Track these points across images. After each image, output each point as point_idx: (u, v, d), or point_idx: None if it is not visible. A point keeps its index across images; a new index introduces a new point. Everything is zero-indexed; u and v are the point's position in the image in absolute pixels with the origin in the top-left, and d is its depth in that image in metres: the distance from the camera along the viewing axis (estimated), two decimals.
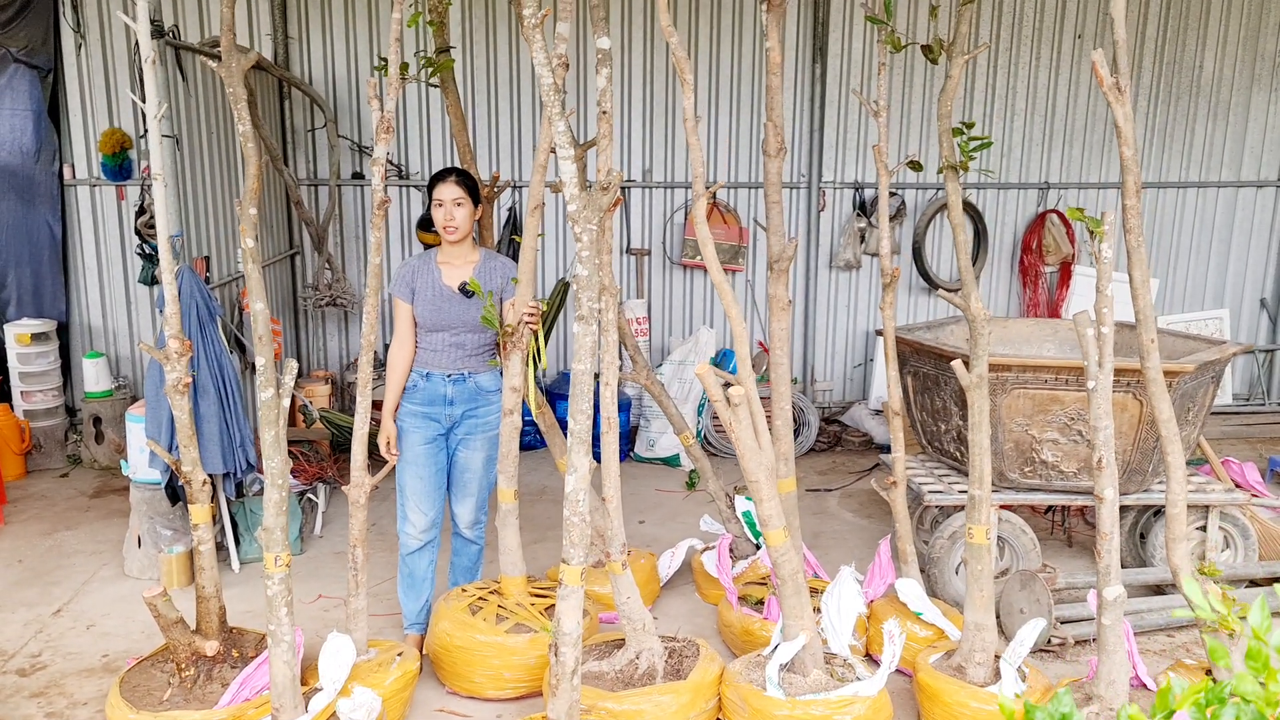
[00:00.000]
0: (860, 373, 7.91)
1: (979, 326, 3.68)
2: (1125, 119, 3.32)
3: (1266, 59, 7.68)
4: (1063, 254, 7.62)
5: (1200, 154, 7.81)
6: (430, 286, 4.03)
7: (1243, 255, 8.00)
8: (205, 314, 4.62)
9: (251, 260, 3.34)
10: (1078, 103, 7.62)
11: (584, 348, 3.21)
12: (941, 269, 7.78)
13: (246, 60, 3.42)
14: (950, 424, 4.73)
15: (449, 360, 4.04)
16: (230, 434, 4.62)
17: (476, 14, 7.07)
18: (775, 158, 4.15)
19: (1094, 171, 7.75)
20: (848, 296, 7.81)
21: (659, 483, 6.45)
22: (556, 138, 3.12)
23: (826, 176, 7.59)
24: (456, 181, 3.97)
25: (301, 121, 7.03)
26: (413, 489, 4.04)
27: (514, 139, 7.28)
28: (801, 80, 7.40)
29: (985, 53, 7.31)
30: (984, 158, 7.30)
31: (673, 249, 7.57)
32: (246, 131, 3.38)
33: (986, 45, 3.68)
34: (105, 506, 5.79)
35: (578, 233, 3.19)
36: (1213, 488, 4.63)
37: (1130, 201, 3.35)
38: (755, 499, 3.44)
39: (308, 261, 7.18)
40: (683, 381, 6.98)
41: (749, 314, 7.58)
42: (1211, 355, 4.42)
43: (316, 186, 7.12)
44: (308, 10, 6.94)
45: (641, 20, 7.21)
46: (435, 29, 4.44)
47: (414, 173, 7.21)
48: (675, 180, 7.50)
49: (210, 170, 5.38)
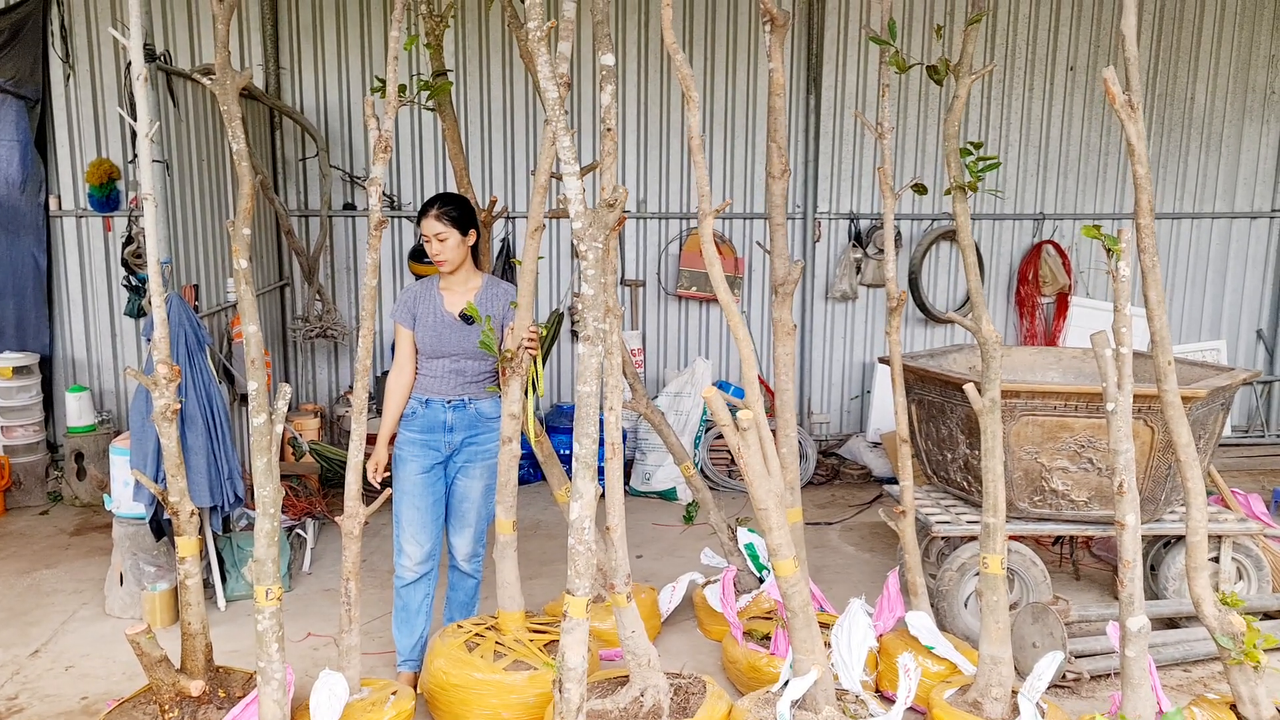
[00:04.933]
0: (858, 405, 7.82)
1: (991, 350, 3.60)
2: (1138, 136, 3.27)
3: (1257, 91, 7.71)
4: (1059, 285, 7.58)
5: (1194, 185, 7.82)
6: (432, 312, 3.94)
7: (1238, 286, 7.98)
8: (194, 342, 4.50)
9: (245, 282, 3.24)
10: (1071, 134, 7.63)
11: (589, 369, 3.11)
12: (938, 299, 7.73)
13: (240, 78, 3.34)
14: (957, 453, 4.63)
15: (449, 387, 3.94)
16: (218, 466, 4.47)
17: (469, 42, 7.04)
18: (779, 179, 4.08)
19: (1089, 202, 7.74)
20: (844, 328, 7.74)
21: (656, 516, 6.31)
22: (561, 153, 3.04)
23: (821, 207, 7.55)
24: (436, 215, 3.85)
25: (292, 151, 6.95)
26: (409, 519, 3.92)
27: (507, 167, 7.23)
28: (796, 111, 7.38)
29: (979, 83, 7.31)
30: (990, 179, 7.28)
31: (667, 280, 7.50)
32: (241, 150, 3.29)
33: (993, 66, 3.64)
34: (86, 544, 5.62)
35: (583, 250, 3.10)
36: (1225, 517, 4.53)
37: (1144, 221, 3.30)
38: (764, 528, 3.32)
39: (298, 293, 7.07)
40: (679, 413, 6.87)
41: None
42: (1223, 381, 4.34)
43: (307, 217, 7.03)
44: (299, 40, 6.89)
45: (635, 50, 7.20)
46: (432, 52, 4.38)
47: (405, 203, 7.14)
48: (669, 211, 7.45)
49: (199, 198, 5.29)
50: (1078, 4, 7.48)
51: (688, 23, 7.21)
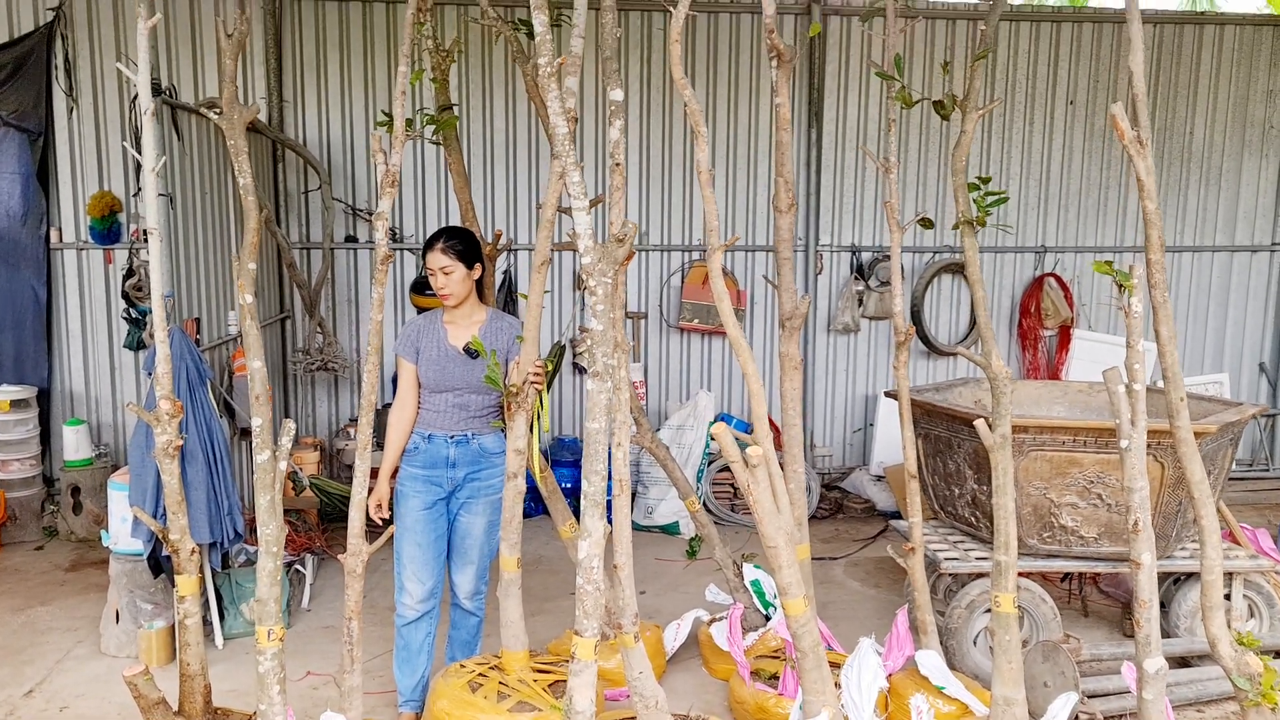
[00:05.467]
0: (860, 438, 7.78)
1: (1001, 385, 3.57)
2: (1148, 172, 3.26)
3: (1256, 125, 7.75)
4: (1061, 318, 7.57)
5: (1194, 218, 7.83)
6: (435, 346, 3.92)
7: (1240, 319, 7.97)
8: (195, 377, 4.46)
9: (250, 317, 3.21)
10: (1072, 168, 7.66)
11: (598, 405, 3.07)
12: (940, 332, 7.71)
13: (248, 113, 3.33)
14: (964, 488, 4.59)
15: (452, 421, 3.90)
16: (218, 502, 4.42)
17: (473, 75, 7.06)
18: (786, 213, 4.08)
19: (1090, 235, 7.75)
20: (846, 360, 7.72)
21: (658, 551, 6.25)
22: (570, 188, 3.02)
23: (823, 239, 7.56)
24: (442, 249, 3.84)
25: (295, 184, 6.95)
26: (411, 556, 3.86)
27: (510, 202, 7.23)
28: (798, 144, 7.40)
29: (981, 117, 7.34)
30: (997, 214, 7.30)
31: (669, 312, 7.48)
32: (247, 184, 3.28)
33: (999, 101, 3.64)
34: (82, 580, 5.55)
35: (592, 285, 3.07)
36: (1236, 554, 4.49)
37: (1155, 256, 3.28)
38: (774, 565, 3.27)
39: (299, 325, 7.04)
40: (681, 446, 6.82)
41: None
42: (1232, 416, 4.32)
43: (309, 249, 7.01)
44: (303, 74, 6.91)
45: (637, 85, 7.22)
46: (438, 86, 4.38)
47: (408, 235, 7.13)
48: (671, 243, 7.45)
49: (203, 232, 5.27)
50: (1076, 39, 7.53)
51: (690, 55, 7.24)
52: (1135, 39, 3.28)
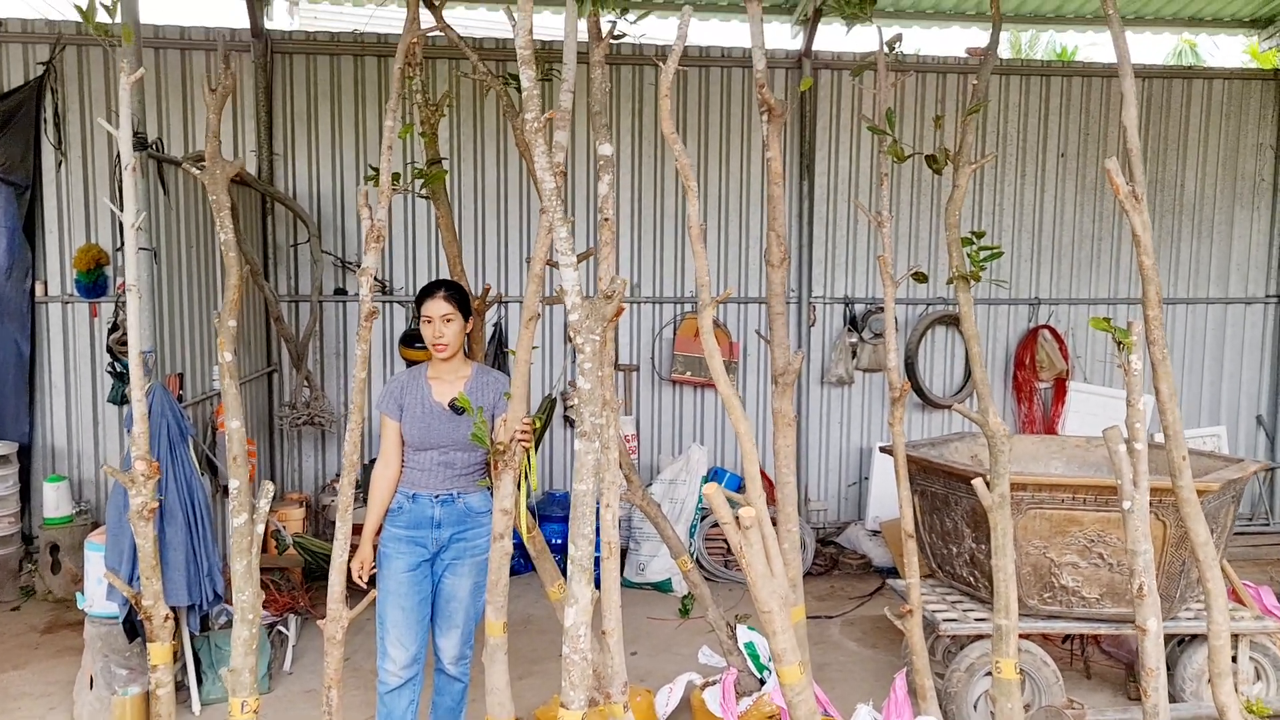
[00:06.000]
0: (855, 491, 7.68)
1: (999, 443, 3.49)
2: (1144, 227, 3.22)
3: (1247, 178, 7.77)
4: (1056, 370, 7.51)
5: (1188, 270, 7.82)
6: (420, 403, 3.83)
7: (1236, 372, 7.93)
8: (176, 434, 4.37)
9: (229, 375, 3.13)
10: (1064, 219, 7.65)
11: (586, 466, 2.99)
12: (935, 384, 7.65)
13: (230, 168, 3.28)
14: (962, 546, 4.49)
15: (437, 480, 3.81)
16: (197, 562, 4.31)
17: (464, 128, 7.06)
18: (779, 268, 4.02)
19: (1084, 287, 7.73)
20: (840, 413, 7.64)
21: (650, 610, 6.12)
22: (558, 244, 2.97)
23: (816, 291, 7.52)
24: (445, 297, 3.80)
25: (284, 237, 6.91)
26: (394, 620, 3.75)
27: (500, 254, 7.19)
28: (790, 197, 7.39)
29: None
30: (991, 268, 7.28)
31: (661, 365, 7.41)
32: (229, 240, 3.22)
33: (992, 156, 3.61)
34: (57, 643, 5.39)
35: (579, 344, 3.00)
36: (1241, 615, 4.38)
37: (1153, 312, 3.23)
38: (768, 631, 3.17)
39: (286, 379, 6.96)
40: (673, 501, 6.72)
41: None
42: (1234, 474, 4.24)
43: (297, 302, 6.95)
44: (293, 126, 6.90)
45: (629, 137, 7.22)
46: (427, 140, 4.35)
47: (398, 288, 7.07)
48: (663, 295, 7.40)
49: (188, 285, 5.20)
50: (1066, 93, 7.57)
51: (680, 109, 7.25)
52: (1128, 94, 3.26)
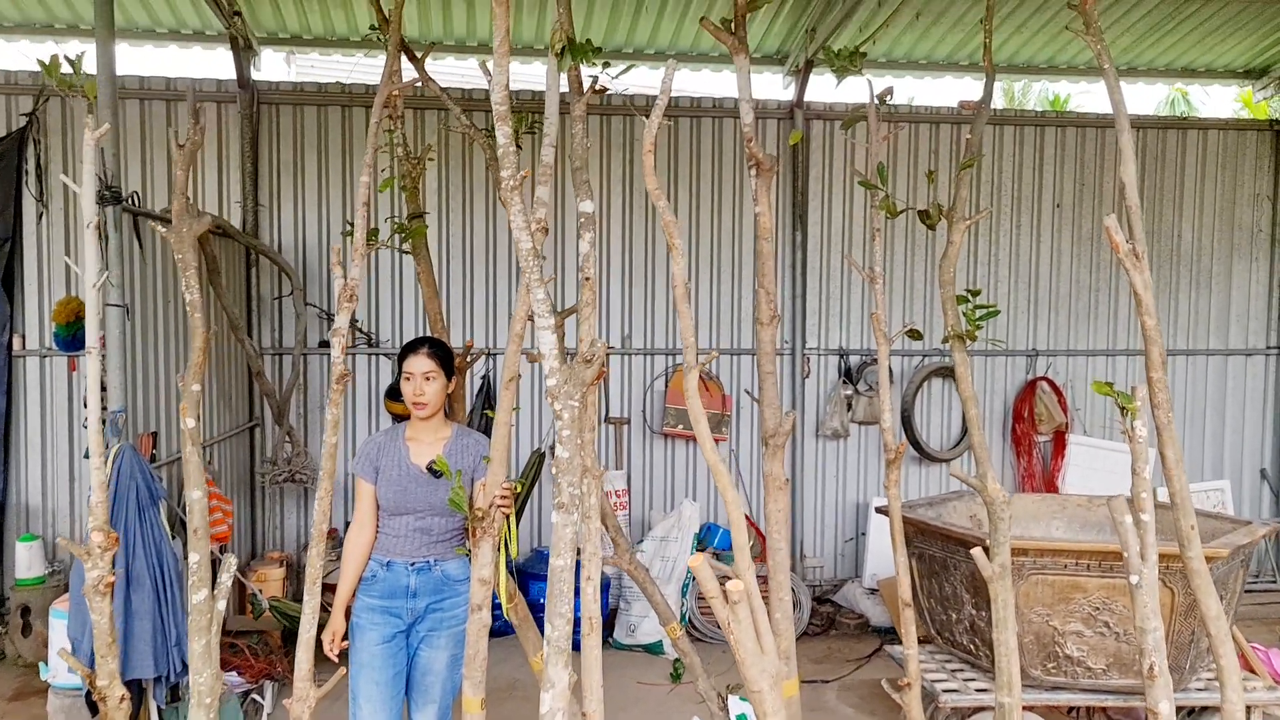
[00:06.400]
0: (852, 548, 7.50)
1: (998, 510, 3.35)
2: (1145, 286, 3.10)
3: (1244, 229, 7.70)
4: (1055, 422, 7.38)
5: (1186, 322, 7.72)
6: (396, 465, 3.69)
7: (1238, 425, 7.79)
8: (146, 497, 4.21)
9: (191, 443, 2.99)
10: (1061, 270, 7.56)
11: (563, 540, 2.85)
12: (931, 437, 7.51)
13: (199, 225, 3.16)
14: (962, 613, 4.32)
15: (413, 547, 3.66)
16: (165, 632, 4.12)
17: (453, 180, 6.98)
18: (768, 325, 3.89)
19: (1081, 339, 7.62)
20: (836, 467, 7.49)
21: (640, 674, 5.92)
22: (535, 306, 2.85)
23: (810, 343, 7.40)
24: (429, 354, 3.69)
25: (268, 289, 6.79)
26: (367, 695, 3.57)
27: (489, 306, 7.08)
28: (782, 247, 7.30)
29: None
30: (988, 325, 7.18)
31: (653, 418, 7.27)
32: (194, 301, 3.09)
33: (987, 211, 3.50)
34: (24, 712, 5.19)
35: (558, 410, 2.87)
36: (1253, 685, 4.21)
37: (1156, 375, 3.11)
38: (759, 712, 3.00)
39: (268, 433, 6.80)
40: (665, 560, 6.54)
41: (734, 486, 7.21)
42: (1243, 538, 4.09)
43: (280, 356, 6.82)
44: (279, 177, 6.82)
45: (620, 187, 7.15)
46: (409, 194, 4.25)
47: (384, 340, 6.95)
48: (654, 347, 7.28)
49: (165, 340, 5.07)
50: (1060, 143, 7.51)
51: (672, 158, 7.18)
52: (1125, 150, 3.16)
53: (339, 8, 6.42)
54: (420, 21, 6.74)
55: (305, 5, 6.40)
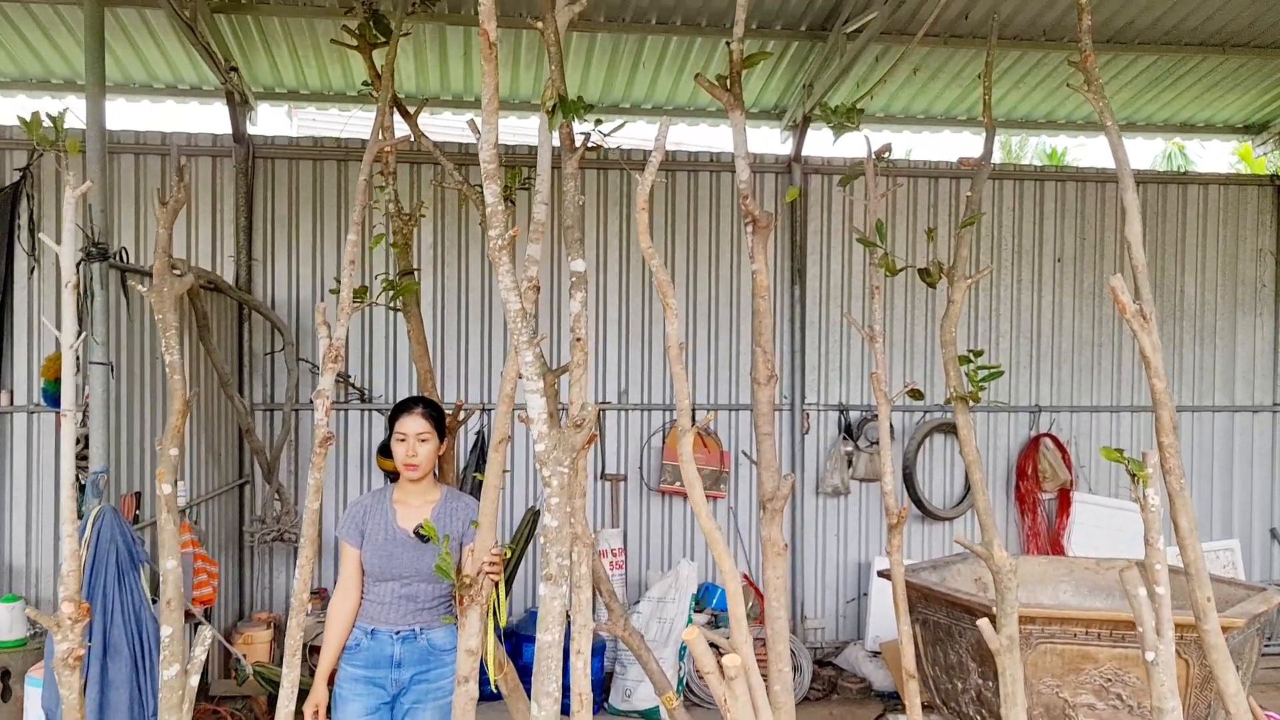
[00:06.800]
0: (854, 608, 7.33)
1: (1005, 579, 3.22)
2: (1153, 348, 3.02)
3: (1247, 284, 7.63)
4: (1060, 480, 7.25)
5: (1191, 378, 7.62)
6: (383, 529, 3.58)
7: (1246, 483, 7.66)
8: (127, 561, 4.09)
9: (166, 509, 2.88)
10: (1063, 325, 7.48)
11: (551, 613, 2.73)
12: (934, 495, 7.37)
13: (180, 284, 3.09)
14: (968, 682, 4.17)
15: (398, 615, 3.54)
16: (143, 703, 3.98)
17: (449, 234, 6.93)
18: (765, 386, 3.78)
19: (1085, 394, 7.52)
20: (836, 525, 7.34)
21: None
22: (523, 369, 2.76)
23: (809, 398, 7.30)
24: (423, 414, 3.61)
25: (260, 344, 6.71)
26: None
27: (484, 361, 6.99)
28: (781, 302, 7.23)
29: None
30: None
31: (650, 475, 7.14)
32: (174, 362, 3.01)
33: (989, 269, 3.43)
34: None
35: (546, 476, 2.77)
36: None
37: (1167, 440, 3.00)
38: None
39: (258, 490, 6.67)
40: (662, 621, 6.38)
41: (732, 544, 7.07)
42: (1259, 606, 3.96)
43: (272, 411, 6.72)
44: (274, 231, 6.77)
45: (618, 238, 7.09)
46: (399, 251, 4.18)
47: (377, 396, 6.85)
48: (651, 402, 7.18)
49: (151, 398, 4.98)
50: (1060, 197, 7.48)
51: (669, 212, 7.13)
52: (1130, 208, 3.09)
53: (335, 63, 6.41)
54: (418, 77, 6.74)
55: (302, 61, 6.40)
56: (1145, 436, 7.53)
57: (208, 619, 5.32)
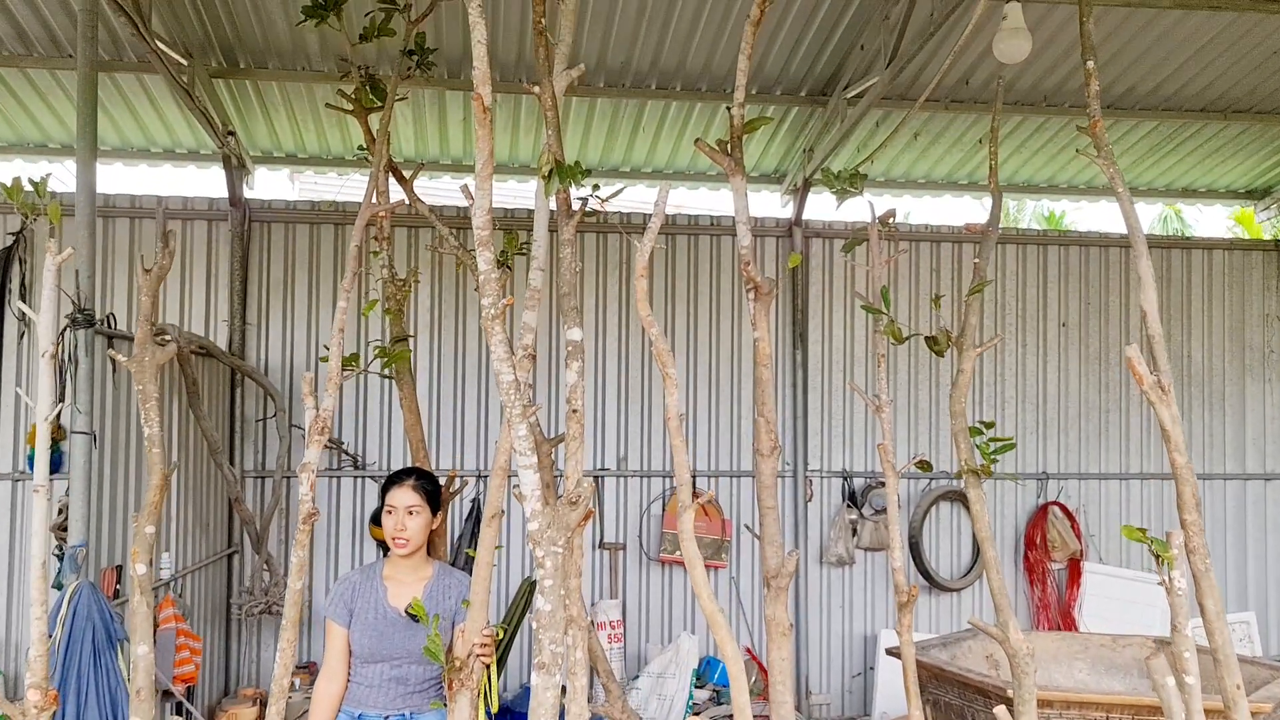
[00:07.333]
0: (860, 683, 7.11)
1: (1022, 664, 3.07)
2: (1173, 420, 2.90)
3: (1255, 350, 7.54)
4: (1069, 550, 7.07)
5: (1201, 445, 7.48)
6: (372, 608, 3.42)
7: (1260, 553, 7.48)
8: (104, 639, 3.92)
9: (139, 592, 2.73)
10: (1069, 390, 7.37)
11: (544, 705, 2.57)
12: (941, 565, 7.19)
13: (163, 354, 2.98)
14: None
15: (388, 698, 3.37)
16: None
17: (445, 298, 6.85)
18: (769, 457, 3.66)
19: (1093, 461, 7.37)
20: (842, 596, 7.15)
21: None
22: (516, 443, 2.64)
23: (812, 465, 7.15)
24: (414, 486, 3.46)
25: (253, 410, 6.59)
26: None
27: (480, 426, 6.86)
28: (783, 367, 7.13)
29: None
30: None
31: (649, 544, 6.97)
32: (152, 435, 2.89)
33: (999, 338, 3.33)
34: None
35: (540, 557, 2.63)
36: None
37: (1190, 517, 2.89)
38: None
39: (246, 560, 6.50)
40: (662, 698, 6.17)
41: (734, 616, 6.87)
42: None
43: (263, 478, 6.57)
44: (269, 295, 6.69)
45: (617, 301, 7.01)
46: (392, 318, 4.09)
47: (370, 462, 6.71)
48: (651, 469, 7.03)
49: (137, 468, 4.84)
50: (1063, 262, 7.42)
51: (669, 275, 7.06)
52: (1145, 276, 3.00)
53: (334, 127, 6.40)
54: (417, 140, 6.72)
55: (300, 125, 6.38)
56: (1155, 504, 7.37)
57: (190, 697, 5.13)
